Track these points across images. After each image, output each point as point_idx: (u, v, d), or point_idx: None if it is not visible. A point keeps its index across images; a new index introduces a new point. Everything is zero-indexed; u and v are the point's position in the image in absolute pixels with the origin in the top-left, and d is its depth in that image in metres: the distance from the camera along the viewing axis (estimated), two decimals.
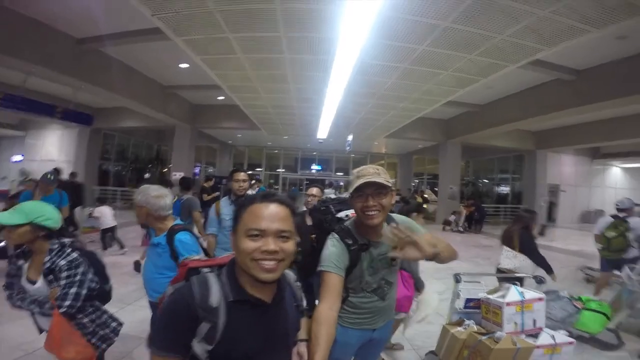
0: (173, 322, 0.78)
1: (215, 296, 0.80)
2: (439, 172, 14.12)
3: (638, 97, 6.04)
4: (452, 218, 11.71)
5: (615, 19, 3.80)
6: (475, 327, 2.09)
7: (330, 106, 8.02)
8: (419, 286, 2.61)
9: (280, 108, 9.29)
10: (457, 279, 2.51)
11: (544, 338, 1.87)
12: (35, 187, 4.67)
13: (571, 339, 1.89)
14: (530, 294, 2.02)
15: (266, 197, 0.86)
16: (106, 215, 5.87)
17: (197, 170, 16.76)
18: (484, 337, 1.91)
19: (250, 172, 6.53)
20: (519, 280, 2.71)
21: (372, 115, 9.27)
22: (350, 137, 11.51)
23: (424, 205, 14.91)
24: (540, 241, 4.18)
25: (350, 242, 1.28)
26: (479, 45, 4.83)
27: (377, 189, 1.24)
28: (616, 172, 15.20)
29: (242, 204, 0.88)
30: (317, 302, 1.25)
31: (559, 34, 4.32)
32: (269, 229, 0.80)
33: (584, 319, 3.13)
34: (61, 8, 5.46)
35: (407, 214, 2.82)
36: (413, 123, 10.25)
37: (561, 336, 1.91)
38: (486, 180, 16.94)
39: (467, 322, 2.20)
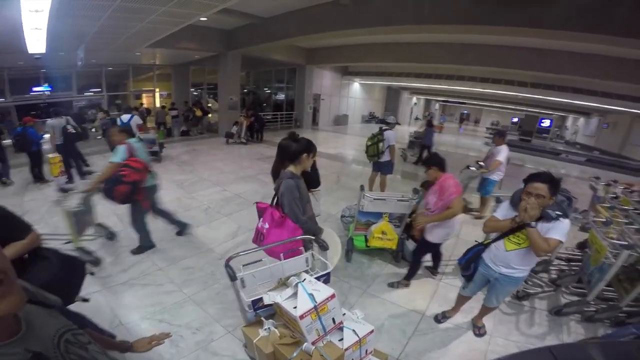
0: None
1: None
2: (218, 82, 12.92)
3: (392, 29, 6.83)
4: (234, 130, 11.21)
5: None
6: (277, 332, 1.61)
7: (36, 11, 4.86)
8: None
9: None
10: (231, 275, 1.72)
11: (348, 337, 1.54)
12: None
13: (370, 327, 1.63)
14: (321, 292, 1.52)
15: None
16: None
17: None
18: (294, 355, 1.45)
19: None
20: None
21: (120, 21, 6.47)
22: (81, 50, 8.39)
23: (209, 115, 13.68)
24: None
25: None
26: None
27: None
28: (356, 86, 19.42)
29: None
30: None
31: None
32: None
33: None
34: None
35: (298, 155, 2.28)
36: (188, 32, 8.50)
37: (361, 327, 1.62)
38: (266, 89, 17.40)
39: (266, 324, 1.65)
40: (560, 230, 2.07)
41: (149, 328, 2.53)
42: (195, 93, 16.71)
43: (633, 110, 13.60)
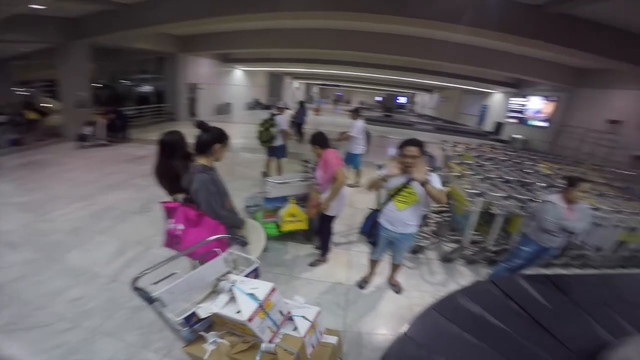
0: None
1: None
2: (59, 78, 10.29)
3: (274, 15, 6.55)
4: (88, 131, 9.17)
5: None
6: (226, 342, 1.42)
7: None
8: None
9: None
10: (147, 298, 1.40)
11: (301, 324, 1.51)
12: None
13: (317, 309, 1.63)
14: (260, 289, 1.43)
15: None
16: None
17: None
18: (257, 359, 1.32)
19: None
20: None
21: None
22: None
23: (48, 117, 10.76)
24: None
25: None
26: None
27: None
28: (238, 73, 18.60)
29: None
30: None
31: None
32: None
33: None
34: None
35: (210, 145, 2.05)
36: (13, 22, 6.79)
37: (308, 311, 1.60)
38: (126, 82, 14.78)
39: (210, 337, 1.45)
40: (436, 182, 2.48)
41: None
42: (24, 93, 12.92)
43: (461, 86, 17.49)
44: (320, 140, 3.12)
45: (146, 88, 14.62)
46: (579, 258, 3.92)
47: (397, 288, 3.16)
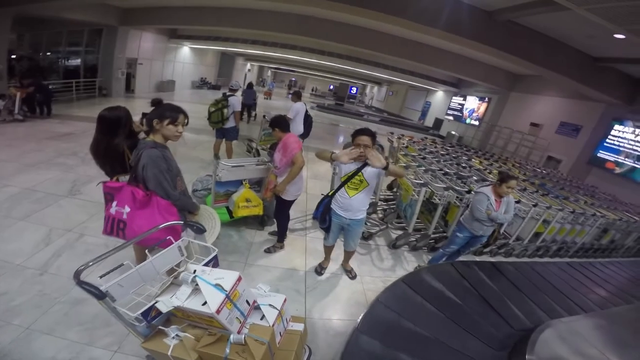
0: None
1: None
2: None
3: None
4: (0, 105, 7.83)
5: None
6: (190, 336, 1.37)
7: None
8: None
9: None
10: (96, 293, 1.26)
11: (269, 312, 1.51)
12: None
13: (283, 296, 1.64)
14: (226, 279, 1.39)
15: None
16: None
17: None
18: (228, 352, 1.29)
19: None
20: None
21: None
22: None
23: None
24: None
25: None
26: None
27: None
28: (186, 50, 17.28)
29: None
30: None
31: None
32: None
33: None
34: None
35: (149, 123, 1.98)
36: None
37: (275, 299, 1.60)
38: (52, 54, 12.79)
39: (171, 332, 1.38)
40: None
41: None
42: None
43: (409, 82, 18.37)
44: (280, 124, 3.14)
45: (74, 62, 12.86)
46: (503, 247, 4.48)
47: (351, 274, 3.30)
